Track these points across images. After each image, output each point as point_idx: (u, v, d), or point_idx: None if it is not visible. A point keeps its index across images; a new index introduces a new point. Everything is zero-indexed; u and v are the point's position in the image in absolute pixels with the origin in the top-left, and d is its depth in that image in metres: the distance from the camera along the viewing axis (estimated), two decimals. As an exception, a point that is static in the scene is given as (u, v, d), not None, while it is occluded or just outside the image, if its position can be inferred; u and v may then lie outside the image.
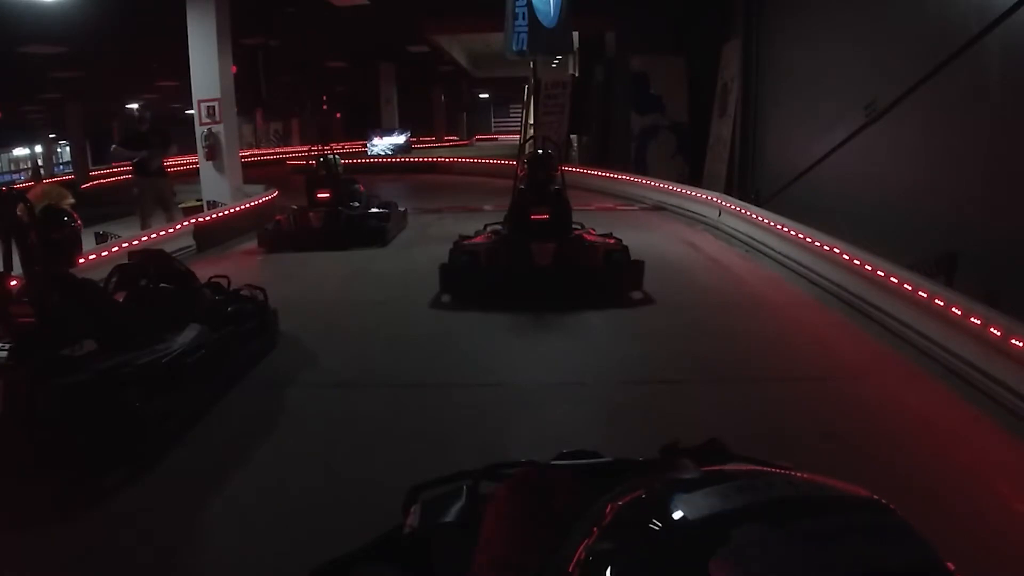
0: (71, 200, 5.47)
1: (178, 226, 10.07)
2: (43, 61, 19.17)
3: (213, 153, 12.96)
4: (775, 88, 12.98)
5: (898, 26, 8.77)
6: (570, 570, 1.06)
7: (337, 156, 11.52)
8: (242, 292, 6.18)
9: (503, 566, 1.39)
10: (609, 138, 19.05)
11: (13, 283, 4.28)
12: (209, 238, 10.61)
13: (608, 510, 1.12)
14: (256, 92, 20.79)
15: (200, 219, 10.84)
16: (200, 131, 13.06)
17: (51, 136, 39.09)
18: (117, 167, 33.10)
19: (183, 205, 13.46)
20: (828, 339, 6.26)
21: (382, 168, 24.68)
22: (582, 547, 1.09)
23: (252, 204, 12.65)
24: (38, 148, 39.46)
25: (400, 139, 30.05)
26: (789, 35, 12.53)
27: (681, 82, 17.10)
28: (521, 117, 24.50)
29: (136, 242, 9.22)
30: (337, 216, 10.57)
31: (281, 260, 9.91)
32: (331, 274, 9.08)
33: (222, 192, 13.06)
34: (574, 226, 7.83)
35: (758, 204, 11.19)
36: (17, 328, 4.20)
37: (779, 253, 8.82)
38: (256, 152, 34.18)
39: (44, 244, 4.35)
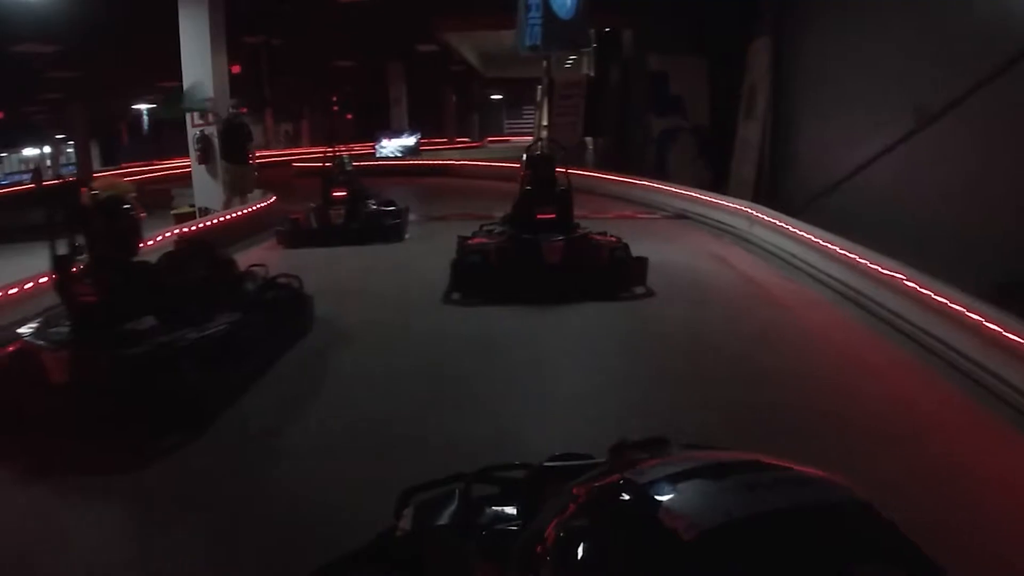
0: (134, 193, 5.82)
1: (159, 237, 9.22)
2: (39, 61, 18.56)
3: (206, 157, 12.17)
4: (808, 89, 12.10)
5: (952, 22, 7.92)
6: (539, 551, 1.14)
7: (348, 157, 11.98)
8: (279, 280, 6.61)
9: None
10: (626, 141, 18.17)
11: (75, 267, 4.82)
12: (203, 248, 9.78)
13: (575, 492, 1.22)
14: (259, 92, 20.07)
15: (184, 229, 9.97)
16: (192, 133, 12.31)
17: (59, 137, 38.56)
18: (125, 166, 32.63)
19: (174, 212, 12.73)
20: (896, 384, 5.36)
21: (390, 171, 23.73)
22: (553, 524, 1.17)
23: (245, 212, 11.84)
24: (46, 149, 38.92)
25: (410, 141, 29.15)
26: (824, 34, 11.65)
27: (702, 82, 16.27)
28: (534, 119, 23.62)
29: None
30: (356, 213, 11.04)
31: (304, 255, 9.87)
32: (354, 267, 9.33)
33: (215, 198, 12.28)
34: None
35: (790, 213, 10.31)
36: (79, 306, 4.74)
37: (824, 274, 7.89)
38: (262, 154, 33.30)
39: (107, 230, 4.84)
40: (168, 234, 9.40)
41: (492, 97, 45.86)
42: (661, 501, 1.04)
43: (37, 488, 3.97)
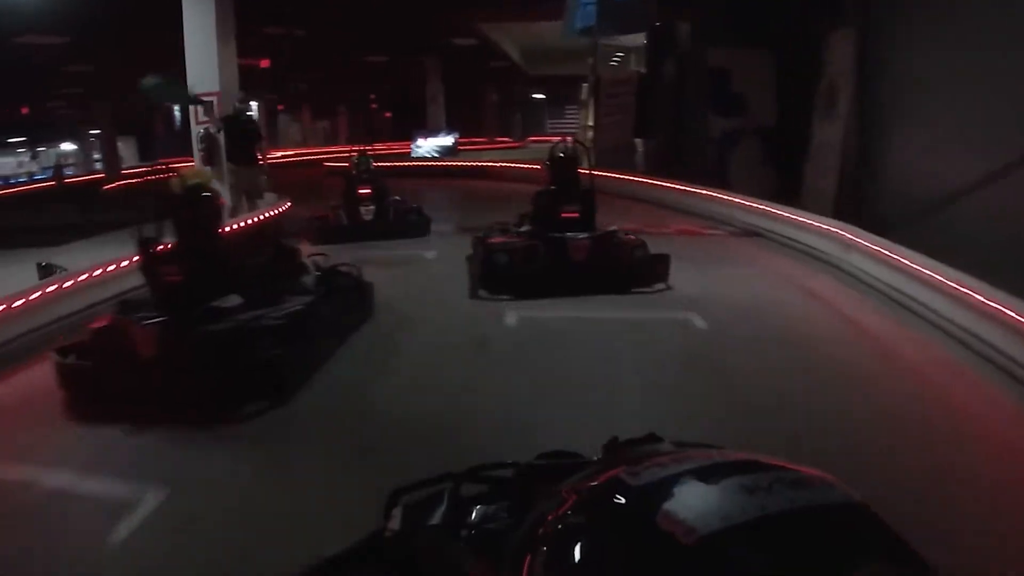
0: (214, 181, 6.07)
1: (127, 262, 7.73)
2: (42, 54, 17.54)
3: (210, 158, 10.76)
4: (904, 88, 10.34)
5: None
6: (533, 550, 1.13)
7: (370, 156, 12.10)
8: (340, 268, 6.78)
9: None
10: (683, 144, 16.43)
11: (159, 249, 5.32)
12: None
13: (569, 491, 1.21)
14: (282, 87, 18.76)
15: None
16: (196, 131, 10.93)
17: (93, 132, 38.09)
18: (163, 162, 31.74)
19: (177, 219, 11.38)
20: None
21: (424, 172, 22.19)
22: (547, 524, 1.16)
23: (252, 221, 10.40)
24: (72, 145, 38.53)
25: (447, 140, 27.83)
26: (924, 22, 9.90)
27: (768, 79, 14.59)
28: (579, 118, 22.01)
29: (84, 277, 7.10)
30: (384, 211, 11.24)
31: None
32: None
33: (221, 205, 10.87)
34: None
35: (880, 232, 8.55)
36: (165, 286, 5.13)
37: (967, 332, 5.90)
38: (291, 152, 32.02)
39: (191, 216, 5.27)
40: (131, 261, 7.86)
41: (534, 96, 44.38)
42: (658, 504, 1.03)
43: (150, 436, 4.46)
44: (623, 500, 1.10)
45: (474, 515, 1.65)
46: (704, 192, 12.70)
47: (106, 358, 4.92)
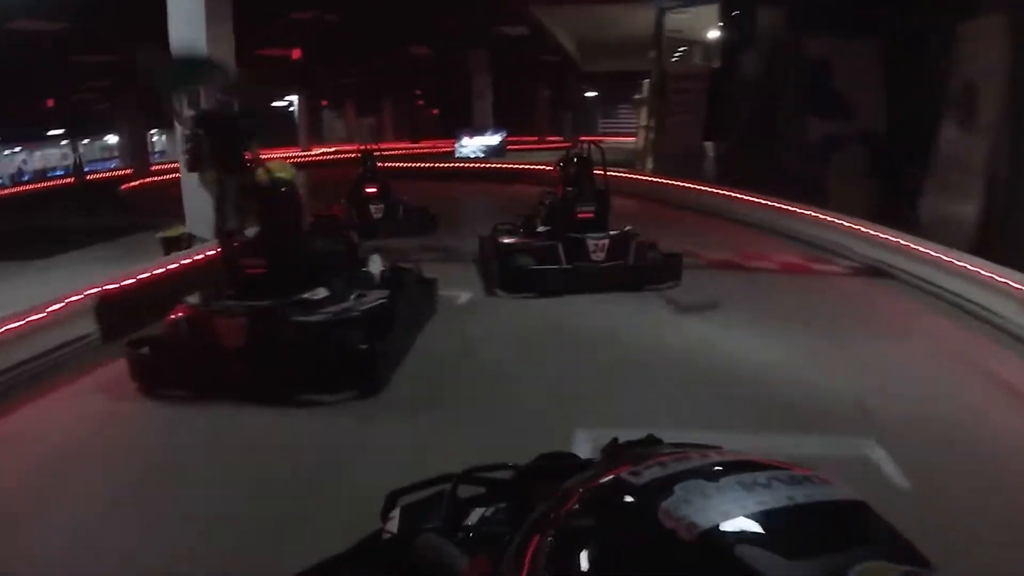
0: (293, 175, 5.94)
1: (63, 302, 5.65)
2: (48, 42, 16.34)
3: (197, 161, 8.68)
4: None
5: None
6: (533, 552, 1.12)
7: (374, 154, 12.71)
8: (401, 265, 7.01)
9: None
10: (768, 150, 13.98)
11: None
12: (128, 318, 6.11)
13: (569, 492, 1.21)
14: (304, 76, 16.90)
15: (112, 287, 6.21)
16: (181, 129, 8.93)
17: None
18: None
19: (161, 235, 9.43)
20: None
21: (464, 175, 19.92)
22: (547, 525, 1.15)
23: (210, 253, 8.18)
24: (116, 138, 37.50)
25: (494, 139, 25.87)
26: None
27: (878, 75, 12.46)
28: (640, 117, 19.69)
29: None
30: (394, 209, 11.69)
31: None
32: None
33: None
34: None
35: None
36: (246, 278, 5.35)
37: None
38: (332, 148, 30.20)
39: (272, 209, 5.61)
40: (66, 301, 5.78)
41: (586, 94, 42.16)
42: (659, 502, 1.03)
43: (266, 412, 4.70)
44: (625, 499, 1.09)
45: (472, 517, 1.63)
46: (805, 212, 10.21)
47: (184, 349, 4.99)
